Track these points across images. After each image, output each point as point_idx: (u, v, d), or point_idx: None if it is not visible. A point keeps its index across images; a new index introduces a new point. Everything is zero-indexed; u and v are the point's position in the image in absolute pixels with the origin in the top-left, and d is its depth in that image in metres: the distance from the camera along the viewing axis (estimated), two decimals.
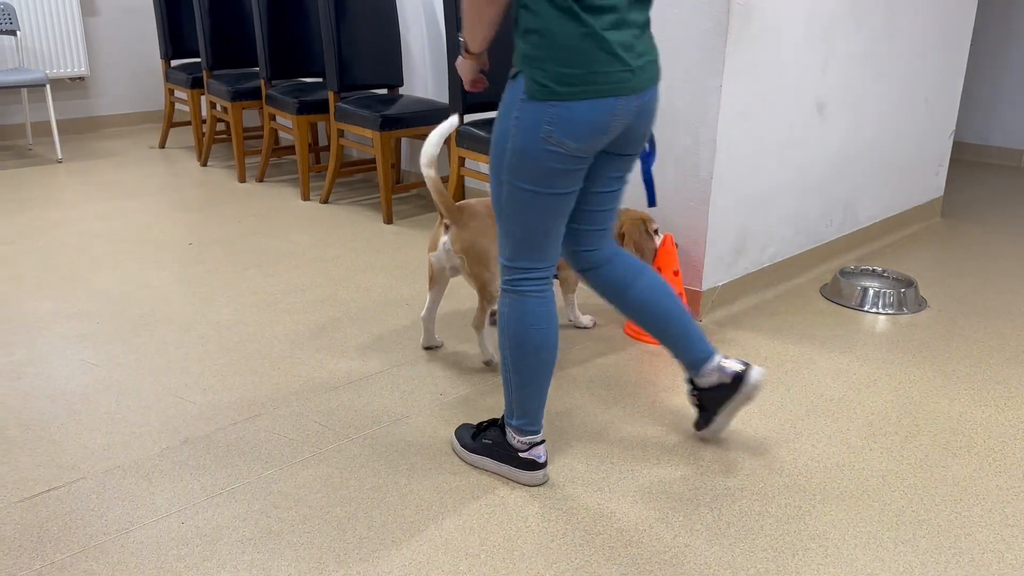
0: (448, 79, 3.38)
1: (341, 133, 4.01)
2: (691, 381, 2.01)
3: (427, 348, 2.57)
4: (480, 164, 3.94)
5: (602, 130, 1.64)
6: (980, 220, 4.06)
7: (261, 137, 5.02)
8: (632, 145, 1.79)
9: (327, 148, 4.68)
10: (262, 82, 4.30)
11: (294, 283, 3.07)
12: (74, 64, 5.41)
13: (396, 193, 4.18)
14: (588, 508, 1.81)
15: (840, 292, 2.99)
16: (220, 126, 5.17)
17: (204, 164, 4.84)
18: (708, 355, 1.95)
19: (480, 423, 1.99)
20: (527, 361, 1.79)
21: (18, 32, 5.06)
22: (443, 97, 4.20)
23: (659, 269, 2.63)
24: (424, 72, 4.27)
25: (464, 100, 3.38)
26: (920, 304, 2.98)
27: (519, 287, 1.78)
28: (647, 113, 1.73)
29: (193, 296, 2.94)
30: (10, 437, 2.04)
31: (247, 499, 1.82)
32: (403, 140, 4.44)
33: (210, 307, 2.85)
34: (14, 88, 5.02)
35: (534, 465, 1.88)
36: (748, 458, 2.01)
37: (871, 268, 3.17)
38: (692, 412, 2.21)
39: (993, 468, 1.99)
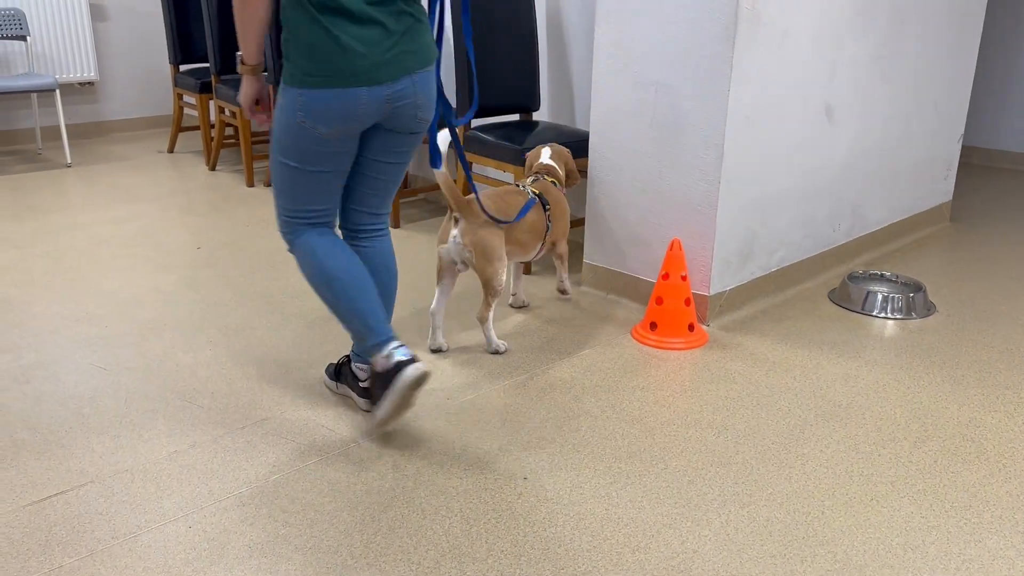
0: (455, 86, 3.39)
1: None
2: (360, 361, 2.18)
3: (433, 351, 2.58)
4: (488, 168, 3.94)
5: (351, 116, 1.86)
6: (989, 224, 4.04)
7: (269, 141, 5.03)
8: (406, 126, 1.97)
9: None
10: (270, 87, 4.31)
11: (302, 286, 3.08)
12: (84, 69, 5.44)
13: (403, 197, 4.19)
14: (595, 514, 1.81)
15: (849, 297, 2.98)
16: (228, 131, 5.19)
17: (212, 168, 4.85)
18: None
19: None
20: (341, 289, 1.95)
21: (28, 37, 5.09)
22: (452, 103, 4.20)
23: (666, 274, 2.63)
24: None
25: (472, 105, 3.39)
26: (929, 309, 2.96)
27: (294, 229, 1.99)
28: (406, 98, 1.90)
29: (201, 300, 2.95)
30: (19, 441, 2.05)
31: (254, 503, 1.82)
32: None
33: (218, 311, 2.86)
34: (24, 93, 5.04)
35: (400, 366, 1.92)
36: (756, 463, 2.00)
37: (880, 272, 3.15)
38: (691, 416, 2.21)
39: (1003, 474, 1.98)
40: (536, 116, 3.79)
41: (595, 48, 2.87)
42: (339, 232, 2.10)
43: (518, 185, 2.68)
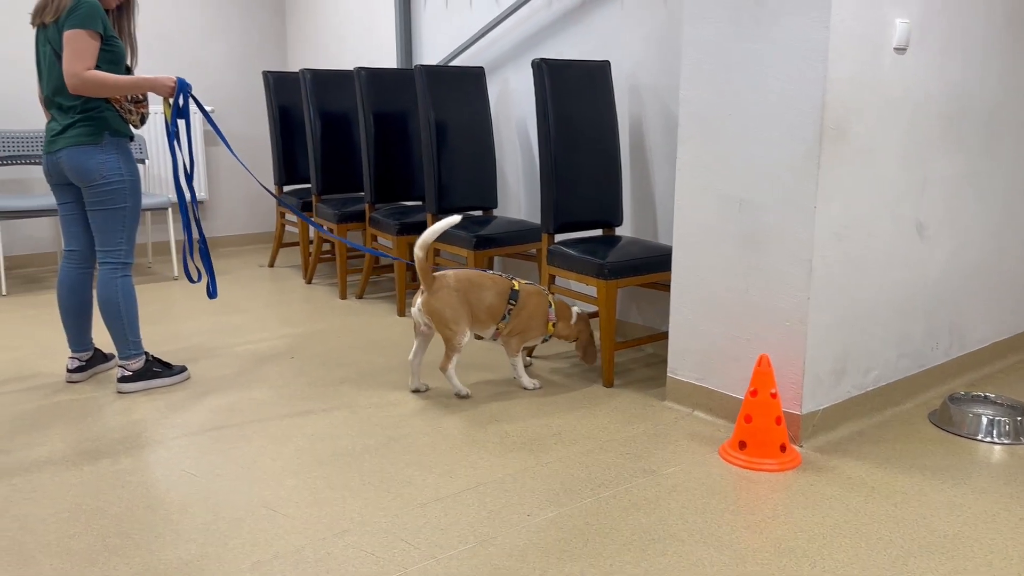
0: (540, 201, 3.48)
1: (437, 252, 4.15)
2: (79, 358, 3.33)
3: (414, 391, 3.16)
4: (571, 282, 3.99)
5: (45, 172, 3.12)
6: None
7: (363, 257, 5.24)
8: (75, 182, 3.06)
9: None
10: (367, 206, 4.53)
11: (387, 397, 3.13)
12: (196, 190, 5.84)
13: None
14: None
15: (950, 419, 2.83)
16: (325, 246, 5.43)
17: (309, 282, 5.06)
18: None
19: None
20: (58, 305, 3.25)
21: (147, 160, 5.52)
22: (535, 218, 4.31)
23: (755, 391, 2.57)
24: (518, 194, 4.42)
25: (555, 220, 3.47)
26: None
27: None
28: (63, 163, 3.02)
29: (292, 409, 3.02)
30: (111, 545, 2.11)
31: None
32: (496, 259, 4.55)
33: (307, 420, 2.92)
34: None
35: (67, 368, 3.31)
36: None
37: (983, 394, 2.99)
38: (784, 544, 2.10)
39: None
40: (619, 231, 3.85)
41: (678, 166, 2.92)
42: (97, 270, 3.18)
43: (509, 277, 3.18)
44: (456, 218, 2.99)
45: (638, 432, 2.81)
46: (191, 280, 3.28)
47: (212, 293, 3.29)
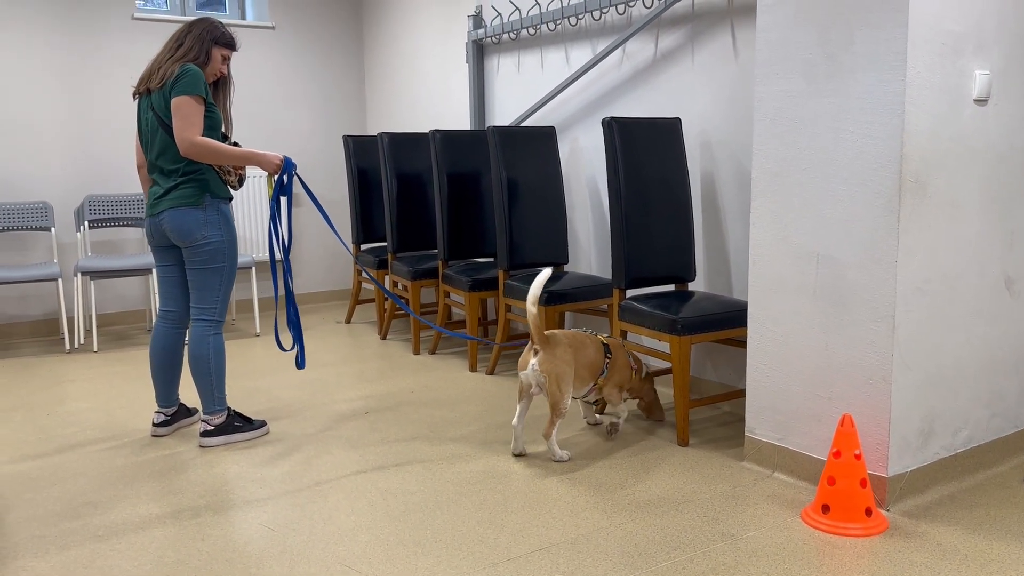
0: (611, 256, 3.49)
1: (508, 308, 4.18)
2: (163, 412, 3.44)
3: (516, 455, 3.08)
4: (643, 337, 3.95)
5: (147, 233, 3.26)
6: None
7: (436, 312, 5.31)
8: (176, 242, 3.18)
9: (495, 322, 4.88)
10: (440, 263, 4.61)
11: (459, 452, 3.13)
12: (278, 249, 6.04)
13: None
14: None
15: None
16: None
17: (384, 337, 5.15)
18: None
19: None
20: (150, 361, 3.38)
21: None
22: (606, 273, 4.31)
23: (838, 452, 2.48)
24: (588, 250, 4.43)
25: (627, 275, 3.46)
26: None
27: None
28: (165, 224, 3.15)
29: (366, 464, 3.05)
30: None
31: None
32: (567, 315, 4.55)
33: (380, 475, 2.94)
34: None
35: (153, 422, 3.41)
36: None
37: None
38: None
39: None
40: (691, 286, 3.81)
41: (752, 220, 2.89)
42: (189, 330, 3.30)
43: (587, 330, 3.20)
44: (549, 270, 3.04)
45: (715, 493, 2.74)
46: (282, 348, 3.30)
47: (300, 364, 3.33)
